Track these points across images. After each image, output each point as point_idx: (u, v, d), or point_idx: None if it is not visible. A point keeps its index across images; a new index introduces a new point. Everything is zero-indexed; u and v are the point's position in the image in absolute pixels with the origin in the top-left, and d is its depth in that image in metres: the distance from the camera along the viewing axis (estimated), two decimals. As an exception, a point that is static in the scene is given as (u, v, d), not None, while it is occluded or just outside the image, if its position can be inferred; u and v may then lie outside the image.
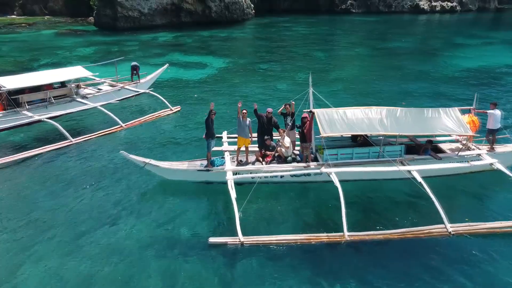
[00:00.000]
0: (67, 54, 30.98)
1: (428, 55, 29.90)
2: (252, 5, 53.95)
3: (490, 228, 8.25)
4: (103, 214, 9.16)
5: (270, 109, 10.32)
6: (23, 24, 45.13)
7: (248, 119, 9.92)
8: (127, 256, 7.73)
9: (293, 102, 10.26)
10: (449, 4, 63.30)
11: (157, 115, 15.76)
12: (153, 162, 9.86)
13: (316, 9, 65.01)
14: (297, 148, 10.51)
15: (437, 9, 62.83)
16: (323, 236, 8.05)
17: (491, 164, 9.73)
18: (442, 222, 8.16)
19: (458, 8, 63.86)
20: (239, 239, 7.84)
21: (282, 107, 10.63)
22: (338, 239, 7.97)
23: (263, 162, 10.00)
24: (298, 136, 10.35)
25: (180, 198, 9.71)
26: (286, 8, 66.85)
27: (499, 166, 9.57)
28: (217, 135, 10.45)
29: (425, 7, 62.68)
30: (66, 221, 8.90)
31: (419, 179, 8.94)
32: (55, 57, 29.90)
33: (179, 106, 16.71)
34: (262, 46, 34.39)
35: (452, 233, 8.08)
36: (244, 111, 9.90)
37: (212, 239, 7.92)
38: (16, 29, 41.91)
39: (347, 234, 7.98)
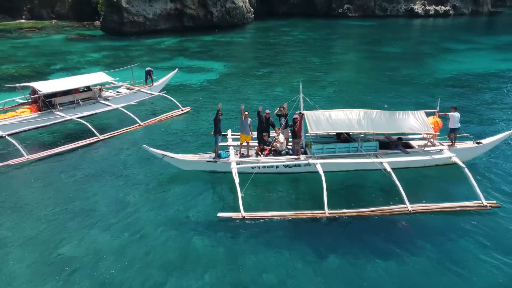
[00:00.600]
0: (78, 59, 32.95)
1: (417, 60, 31.81)
2: (252, 9, 55.95)
3: (442, 207, 10.30)
4: (128, 197, 11.23)
5: (268, 111, 12.37)
6: (32, 28, 47.10)
7: (249, 119, 11.98)
8: (152, 229, 9.80)
9: (286, 105, 12.33)
10: (443, 8, 65.25)
11: (170, 115, 17.93)
12: (169, 154, 11.94)
13: (314, 13, 67.11)
14: (290, 143, 12.57)
15: (431, 13, 64.73)
16: (308, 213, 10.11)
17: (450, 157, 11.75)
18: (404, 203, 10.21)
19: (451, 12, 65.78)
20: (241, 214, 9.91)
21: (277, 110, 12.70)
22: (320, 215, 10.02)
23: (262, 155, 12.06)
24: (291, 134, 12.41)
25: (192, 184, 11.79)
26: (285, 12, 68.90)
27: (456, 159, 11.57)
28: (223, 133, 12.53)
29: (420, 11, 64.59)
30: (98, 204, 10.96)
31: (389, 169, 10.96)
32: (67, 62, 31.88)
33: (188, 107, 18.85)
34: (262, 51, 36.37)
35: (411, 211, 10.13)
36: (246, 112, 11.97)
37: (220, 214, 10.01)
38: (26, 34, 43.87)
39: (327, 212, 10.02)
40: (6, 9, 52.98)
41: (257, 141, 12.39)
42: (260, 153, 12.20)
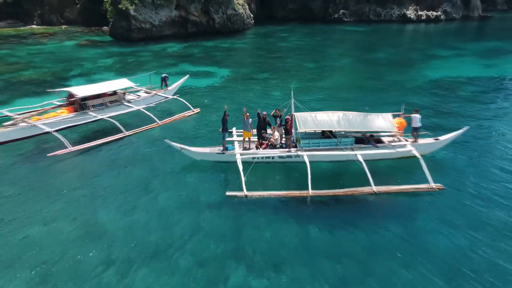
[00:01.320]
0: (92, 65, 35.76)
1: (403, 66, 34.64)
2: (251, 15, 58.87)
3: (400, 189, 13.21)
4: (152, 181, 14.15)
5: (265, 112, 15.30)
6: (45, 34, 49.92)
7: (250, 119, 14.89)
8: (173, 205, 12.70)
9: (279, 109, 15.27)
10: (434, 13, 68.25)
11: (183, 115, 20.95)
12: (186, 147, 14.86)
13: (311, 18, 70.12)
14: (283, 139, 15.47)
15: (422, 18, 67.73)
16: (296, 192, 13.01)
17: (411, 151, 14.63)
18: (370, 185, 13.11)
19: (442, 17, 68.77)
20: (244, 193, 12.83)
21: (273, 112, 15.61)
22: (305, 194, 12.92)
23: (260, 148, 14.97)
24: (284, 131, 15.30)
25: (204, 171, 14.71)
26: (283, 16, 71.91)
27: (415, 152, 14.41)
28: (229, 130, 15.46)
29: (412, 16, 67.58)
30: (126, 188, 13.85)
31: (361, 160, 13.82)
32: (82, 68, 34.67)
33: (198, 108, 21.84)
34: (261, 56, 39.28)
35: (376, 192, 13.03)
36: (247, 114, 14.87)
37: (228, 193, 12.94)
38: (41, 40, 46.68)
39: (311, 192, 12.92)
40: (18, 15, 55.78)
41: (256, 137, 15.31)
42: (259, 146, 15.11)
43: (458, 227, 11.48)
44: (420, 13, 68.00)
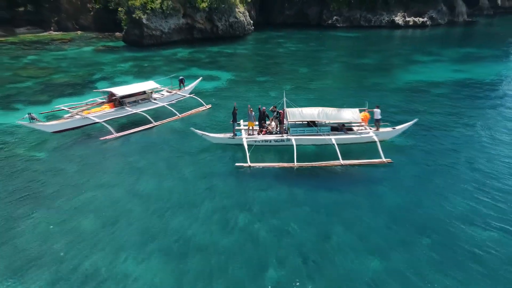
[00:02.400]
0: (111, 69, 40.69)
1: (385, 70, 39.65)
2: (251, 21, 63.84)
3: (360, 162, 18.34)
4: (178, 159, 19.23)
5: (264, 108, 20.47)
6: (64, 40, 54.92)
7: (253, 113, 19.99)
8: (195, 174, 17.79)
9: (275, 105, 20.39)
10: (420, 19, 73.32)
11: (198, 110, 26.26)
12: (206, 133, 19.94)
13: (307, 23, 75.20)
14: (278, 128, 20.57)
15: (410, 24, 72.82)
16: (285, 164, 18.12)
17: (372, 137, 19.73)
18: (339, 159, 18.20)
19: (428, 22, 73.78)
20: (248, 164, 17.93)
21: (271, 107, 20.75)
22: (292, 165, 18.02)
23: (261, 134, 20.08)
24: (278, 122, 20.39)
25: (219, 151, 19.82)
26: (281, 22, 76.93)
27: (375, 138, 19.49)
28: (237, 121, 20.58)
29: (400, 22, 72.61)
30: (157, 163, 18.93)
31: (334, 142, 18.91)
32: (103, 72, 39.59)
33: (210, 105, 27.02)
34: (260, 62, 44.33)
35: (342, 164, 18.13)
36: (251, 109, 19.96)
37: (237, 164, 18.08)
38: (62, 46, 51.64)
39: (296, 164, 18.02)
40: (37, 22, 60.77)
41: (258, 126, 20.43)
42: (259, 133, 20.22)
43: (401, 187, 16.61)
44: (407, 19, 73.08)
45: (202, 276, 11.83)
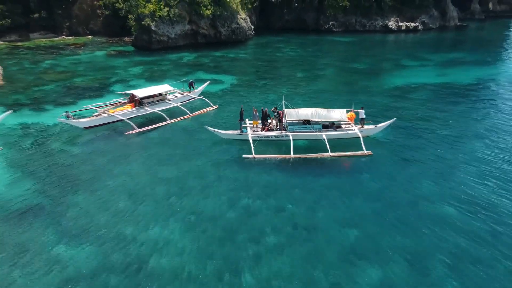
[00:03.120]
0: (124, 72, 44.40)
1: (375, 74, 43.46)
2: (252, 27, 67.58)
3: (346, 154, 22.11)
4: (191, 152, 22.98)
5: (266, 108, 24.31)
6: (77, 45, 58.60)
7: (257, 113, 23.83)
8: (206, 164, 21.58)
9: (276, 107, 24.20)
10: (413, 24, 77.26)
11: (206, 110, 30.04)
12: (217, 130, 23.71)
13: (305, 28, 78.99)
14: (278, 126, 24.38)
15: (402, 28, 76.71)
16: (283, 156, 21.91)
17: (357, 133, 23.51)
18: (328, 152, 21.99)
19: (420, 27, 77.74)
20: (253, 155, 21.74)
21: (272, 108, 24.57)
22: (288, 157, 21.81)
23: (263, 131, 23.89)
24: (278, 120, 24.19)
25: (228, 145, 23.57)
26: (280, 26, 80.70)
27: (359, 134, 23.28)
28: (244, 120, 24.40)
29: (393, 27, 76.46)
30: (173, 154, 22.72)
31: (324, 138, 22.69)
32: (117, 75, 43.29)
33: (216, 105, 30.78)
34: (260, 66, 48.08)
35: (331, 156, 21.92)
36: (255, 110, 23.79)
37: (244, 155, 21.85)
38: (76, 51, 55.34)
39: (292, 155, 21.81)
40: (50, 27, 64.46)
41: (261, 124, 24.22)
42: (262, 130, 24.01)
43: (377, 174, 20.39)
44: (400, 24, 76.99)
45: (213, 240, 15.50)
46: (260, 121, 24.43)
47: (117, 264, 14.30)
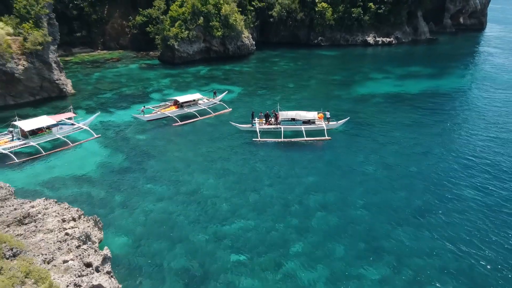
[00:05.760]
0: (157, 83, 58.33)
1: (346, 85, 57.67)
2: (254, 42, 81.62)
3: (314, 139, 36.64)
4: (215, 138, 37.46)
5: (268, 111, 39.01)
6: (114, 59, 72.61)
7: (262, 114, 38.54)
8: (226, 146, 36.06)
9: (274, 110, 38.74)
10: (388, 39, 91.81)
11: (223, 111, 44.51)
12: (237, 124, 38.19)
13: (297, 42, 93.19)
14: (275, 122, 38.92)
15: (379, 43, 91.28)
16: (278, 139, 36.53)
17: (323, 127, 37.95)
18: (304, 137, 36.44)
19: (394, 42, 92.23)
20: (259, 139, 36.44)
21: (272, 111, 39.29)
22: (280, 140, 36.46)
23: (266, 125, 38.42)
24: (274, 119, 38.66)
25: (243, 134, 38.03)
26: (277, 41, 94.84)
27: (325, 127, 37.75)
28: (254, 118, 38.95)
29: (371, 42, 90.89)
30: (202, 140, 37.15)
31: (303, 129, 37.21)
32: (153, 85, 57.23)
33: (230, 108, 45.25)
34: (260, 78, 62.17)
35: (306, 140, 36.44)
36: (261, 112, 38.42)
37: (253, 139, 36.51)
38: (115, 64, 69.45)
39: (283, 139, 36.34)
40: (88, 43, 78.52)
41: (265, 121, 38.73)
42: (265, 124, 38.52)
43: (334, 151, 34.82)
44: (377, 39, 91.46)
45: (232, 182, 29.83)
46: (264, 119, 38.81)
47: (183, 192, 28.61)
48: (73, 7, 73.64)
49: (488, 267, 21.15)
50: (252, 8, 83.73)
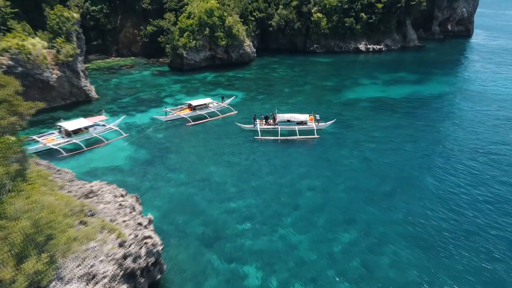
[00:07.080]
0: (168, 88, 65.56)
1: (336, 90, 64.94)
2: (254, 50, 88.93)
3: (306, 137, 43.91)
4: (222, 136, 44.76)
5: (267, 114, 46.27)
6: (128, 66, 79.87)
7: (262, 116, 45.79)
8: (230, 144, 43.43)
9: (273, 112, 46.11)
10: (378, 46, 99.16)
11: (230, 114, 51.89)
12: (241, 124, 45.55)
13: (295, 49, 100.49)
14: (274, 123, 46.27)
15: (370, 50, 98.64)
16: (275, 137, 43.86)
17: (313, 127, 45.25)
18: (297, 135, 43.76)
19: (384, 48, 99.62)
20: (259, 137, 43.77)
21: (271, 113, 46.63)
22: (277, 138, 43.80)
23: (266, 125, 45.76)
24: (273, 120, 46.01)
25: (246, 133, 45.33)
26: (276, 48, 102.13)
27: (315, 127, 45.04)
28: (257, 119, 46.30)
29: (363, 49, 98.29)
30: (211, 138, 44.50)
31: (296, 129, 44.53)
32: (165, 90, 64.45)
33: (236, 111, 52.60)
34: (260, 84, 69.41)
35: (299, 138, 43.73)
36: (262, 115, 45.72)
37: (255, 137, 43.88)
38: (129, 71, 76.72)
39: (280, 138, 43.70)
40: (102, 50, 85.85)
41: (265, 122, 46.05)
42: (265, 125, 45.83)
43: (322, 147, 42.12)
44: (368, 46, 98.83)
45: (237, 171, 37.11)
46: (264, 120, 46.13)
47: (198, 179, 35.84)
48: (90, 18, 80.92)
49: (432, 232, 28.36)
50: (253, 18, 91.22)
